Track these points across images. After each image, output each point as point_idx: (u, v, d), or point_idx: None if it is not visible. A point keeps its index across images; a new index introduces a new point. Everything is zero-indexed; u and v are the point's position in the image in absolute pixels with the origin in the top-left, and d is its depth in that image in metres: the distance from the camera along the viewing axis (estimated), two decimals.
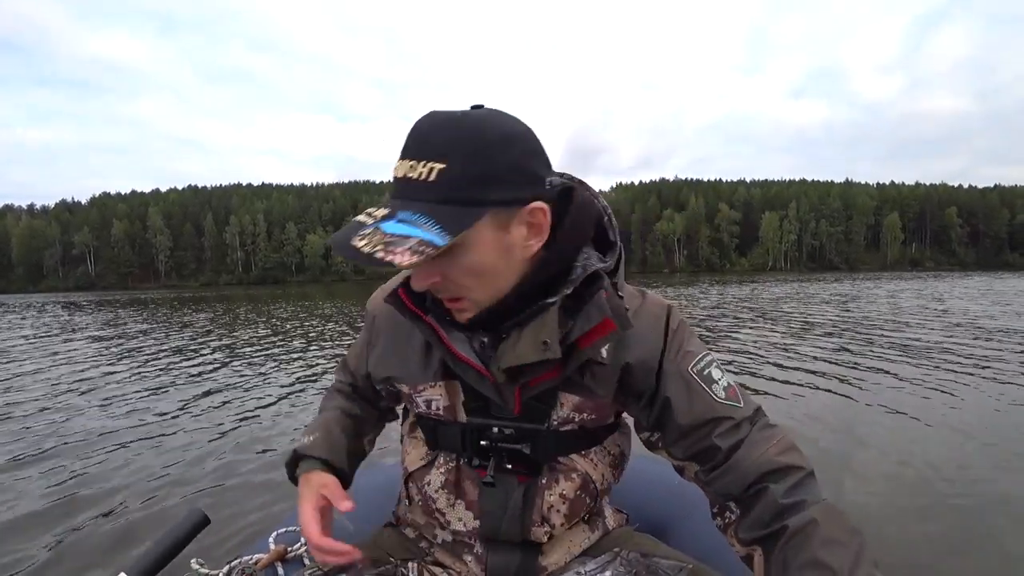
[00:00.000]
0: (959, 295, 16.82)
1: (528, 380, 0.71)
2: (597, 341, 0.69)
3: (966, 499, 2.41)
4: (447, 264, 0.63)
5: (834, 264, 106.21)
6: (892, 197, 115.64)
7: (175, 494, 2.64)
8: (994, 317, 9.85)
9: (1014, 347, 6.35)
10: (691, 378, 0.73)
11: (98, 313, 18.62)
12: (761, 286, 27.09)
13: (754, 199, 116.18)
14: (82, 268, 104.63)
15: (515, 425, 0.75)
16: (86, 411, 4.33)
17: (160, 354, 7.61)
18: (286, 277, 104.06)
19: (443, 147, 0.59)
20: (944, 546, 2.05)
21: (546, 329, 0.67)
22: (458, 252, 0.62)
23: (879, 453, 3.02)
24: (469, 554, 0.82)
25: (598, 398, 0.75)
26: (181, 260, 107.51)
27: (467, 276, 0.64)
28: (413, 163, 0.60)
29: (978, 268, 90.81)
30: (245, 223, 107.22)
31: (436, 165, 0.59)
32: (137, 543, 2.18)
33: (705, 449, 0.71)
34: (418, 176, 0.59)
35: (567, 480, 0.79)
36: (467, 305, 0.68)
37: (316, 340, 8.70)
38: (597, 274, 0.69)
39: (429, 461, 0.84)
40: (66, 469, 3.01)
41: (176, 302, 26.39)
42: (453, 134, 0.59)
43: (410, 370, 0.81)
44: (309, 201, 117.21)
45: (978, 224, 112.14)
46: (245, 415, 4.10)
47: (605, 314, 0.67)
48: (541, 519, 0.79)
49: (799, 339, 7.54)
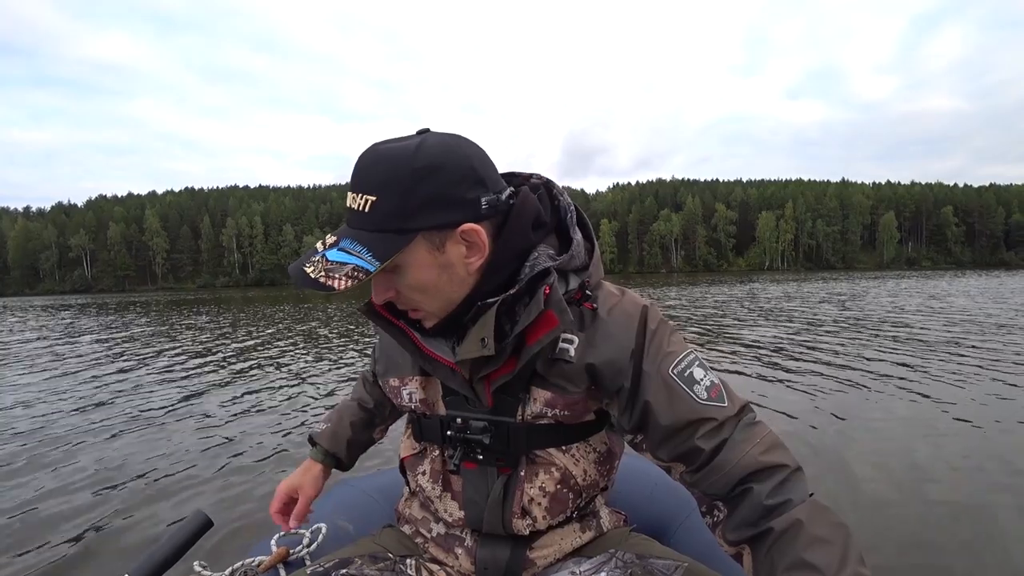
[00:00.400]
0: (956, 292, 16.81)
1: (488, 374, 0.76)
2: (543, 336, 0.71)
3: (963, 495, 2.41)
4: (396, 282, 0.71)
5: (831, 263, 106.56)
6: (888, 196, 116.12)
7: (178, 497, 2.63)
8: (994, 314, 9.88)
9: (1015, 343, 6.37)
10: (672, 380, 0.73)
11: (101, 316, 18.53)
12: (760, 285, 27.13)
13: (751, 199, 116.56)
14: (79, 271, 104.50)
15: (487, 418, 0.79)
16: (88, 414, 4.30)
17: (161, 356, 7.57)
18: (283, 279, 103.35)
19: (375, 181, 0.66)
20: (940, 542, 2.04)
21: (484, 328, 0.71)
22: (399, 273, 0.69)
23: (878, 447, 3.02)
24: (460, 547, 0.84)
25: (569, 395, 0.77)
26: (178, 263, 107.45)
27: (414, 292, 0.71)
28: (354, 195, 0.67)
29: (974, 267, 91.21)
30: (242, 225, 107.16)
31: (370, 198, 0.66)
32: (140, 546, 2.16)
33: (688, 451, 0.71)
34: (357, 207, 0.67)
35: (546, 474, 0.81)
36: (424, 315, 0.75)
37: (318, 342, 8.66)
38: (545, 272, 0.72)
39: (419, 452, 0.89)
40: (68, 472, 2.99)
41: (174, 304, 26.33)
42: (384, 168, 0.66)
43: (397, 363, 0.88)
44: (306, 203, 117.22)
45: (974, 223, 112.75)
46: (247, 417, 4.08)
47: (540, 308, 0.70)
48: (522, 511, 0.81)
49: (800, 335, 7.54)
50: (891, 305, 12.92)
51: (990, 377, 4.65)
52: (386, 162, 0.66)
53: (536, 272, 0.72)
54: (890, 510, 2.32)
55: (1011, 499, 2.35)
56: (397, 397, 0.89)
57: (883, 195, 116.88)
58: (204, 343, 9.08)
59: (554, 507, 0.83)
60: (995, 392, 4.16)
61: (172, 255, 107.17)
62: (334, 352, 7.37)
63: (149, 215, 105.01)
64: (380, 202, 0.66)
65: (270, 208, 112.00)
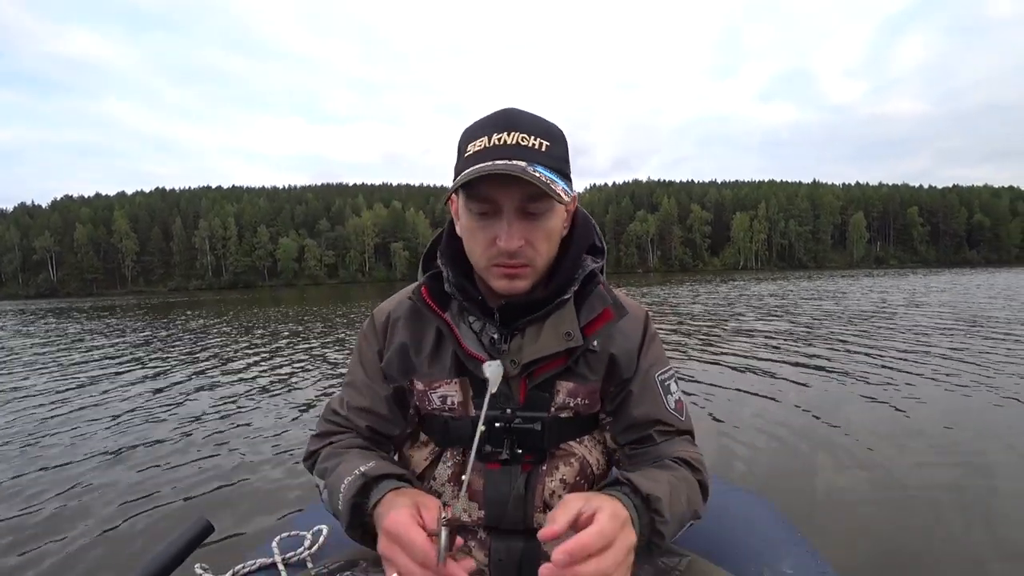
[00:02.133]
0: (925, 289, 17.33)
1: (535, 370, 0.79)
2: (600, 329, 0.80)
3: (943, 485, 2.52)
4: (534, 228, 0.75)
5: (803, 262, 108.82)
6: (857, 197, 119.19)
7: (179, 502, 2.63)
8: (980, 310, 10.24)
9: (994, 336, 6.62)
10: (655, 382, 0.85)
11: (88, 322, 18.04)
12: (738, 284, 27.53)
13: (725, 200, 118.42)
14: (43, 274, 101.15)
15: (521, 415, 0.81)
16: (88, 421, 4.25)
17: (156, 360, 7.46)
18: (258, 281, 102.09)
19: (542, 129, 0.74)
20: (923, 531, 2.13)
21: (566, 321, 0.78)
22: (547, 216, 0.75)
23: (858, 440, 3.13)
24: (472, 540, 0.85)
25: (590, 383, 0.83)
26: (148, 265, 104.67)
27: (543, 241, 0.76)
28: (524, 135, 0.71)
29: (939, 265, 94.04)
30: (215, 226, 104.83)
31: (544, 142, 0.72)
32: (142, 551, 2.17)
33: (642, 438, 0.84)
34: (531, 145, 0.71)
35: (566, 466, 0.84)
36: (528, 272, 0.77)
37: (311, 347, 8.58)
38: (593, 272, 0.83)
39: (435, 458, 0.87)
40: (70, 478, 2.97)
41: (149, 308, 25.74)
42: (544, 125, 0.75)
43: (426, 367, 0.86)
44: (281, 204, 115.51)
45: (938, 223, 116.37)
46: (247, 422, 4.06)
47: (606, 304, 0.80)
48: (543, 505, 0.83)
49: (781, 334, 7.74)
50: (869, 300, 13.26)
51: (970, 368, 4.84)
52: (542, 121, 0.75)
53: (588, 271, 0.82)
54: (871, 496, 2.41)
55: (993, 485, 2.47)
56: (423, 401, 0.87)
57: (852, 196, 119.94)
58: (198, 347, 8.98)
59: None
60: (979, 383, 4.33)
61: (142, 257, 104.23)
62: (331, 358, 7.32)
63: (118, 216, 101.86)
64: (553, 147, 0.73)
65: (244, 209, 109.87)
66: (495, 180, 0.69)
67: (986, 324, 8.19)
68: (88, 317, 19.77)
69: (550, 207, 0.74)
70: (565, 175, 0.74)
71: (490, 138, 0.72)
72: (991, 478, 2.56)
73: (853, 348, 6.42)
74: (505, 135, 0.71)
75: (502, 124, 0.73)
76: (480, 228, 0.75)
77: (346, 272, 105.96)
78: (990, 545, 1.99)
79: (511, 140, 0.71)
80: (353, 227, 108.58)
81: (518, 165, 0.69)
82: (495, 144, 0.71)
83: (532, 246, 0.75)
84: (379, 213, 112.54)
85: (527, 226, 0.74)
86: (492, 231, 0.74)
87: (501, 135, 0.71)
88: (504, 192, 0.71)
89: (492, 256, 0.75)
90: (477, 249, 0.77)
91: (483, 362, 0.77)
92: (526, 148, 0.71)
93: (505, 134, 0.71)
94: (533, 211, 0.73)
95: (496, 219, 0.74)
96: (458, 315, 0.83)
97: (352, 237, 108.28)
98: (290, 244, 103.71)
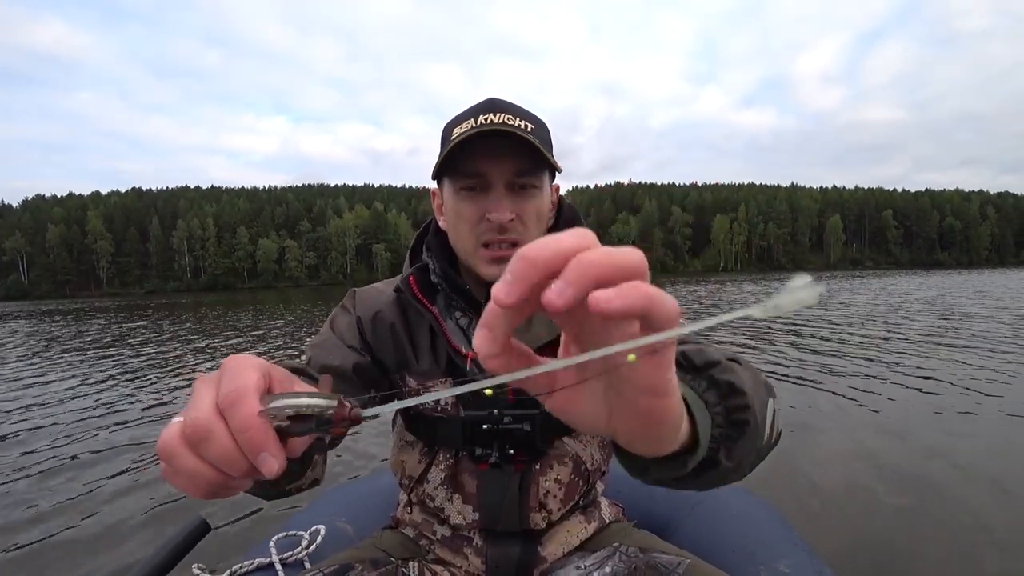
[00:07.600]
0: (907, 290, 17.66)
1: None
2: None
3: (931, 480, 2.59)
4: (524, 204, 0.76)
5: (781, 264, 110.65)
6: (834, 200, 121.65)
7: (176, 501, 2.62)
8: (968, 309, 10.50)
9: (972, 333, 6.77)
10: None
11: (75, 324, 17.61)
12: (717, 286, 27.83)
13: (706, 202, 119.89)
14: (14, 276, 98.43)
15: (511, 413, 0.79)
16: (86, 421, 4.20)
17: (151, 362, 7.33)
18: (237, 283, 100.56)
19: (525, 114, 0.76)
20: (909, 525, 2.18)
21: None
22: (530, 196, 0.76)
23: (857, 440, 3.18)
24: (468, 547, 0.83)
25: None
26: (124, 266, 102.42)
27: (533, 218, 0.77)
28: (510, 117, 0.73)
29: (912, 267, 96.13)
30: (194, 227, 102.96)
31: (529, 123, 0.74)
32: (139, 551, 2.16)
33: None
34: (517, 125, 0.72)
35: (560, 464, 0.83)
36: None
37: (304, 347, 8.52)
38: None
39: (429, 461, 0.86)
40: (67, 478, 2.95)
41: (128, 310, 25.23)
42: (528, 112, 0.77)
43: (419, 365, 0.84)
44: (261, 204, 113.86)
45: (911, 226, 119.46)
46: None
47: None
48: (539, 504, 0.82)
49: (772, 337, 7.88)
50: (853, 304, 13.50)
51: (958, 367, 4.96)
52: (524, 107, 0.77)
53: None
54: (857, 493, 2.46)
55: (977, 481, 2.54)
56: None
57: (829, 199, 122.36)
58: (189, 347, 8.84)
59: (568, 496, 0.84)
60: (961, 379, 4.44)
61: (118, 259, 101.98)
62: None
63: (92, 216, 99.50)
64: (538, 130, 0.75)
65: (223, 210, 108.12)
66: (485, 154, 0.71)
67: (963, 320, 8.40)
68: (75, 319, 19.31)
69: (540, 183, 0.75)
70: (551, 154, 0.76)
71: (476, 119, 0.73)
72: (992, 480, 2.56)
73: (849, 348, 6.44)
74: (492, 115, 0.73)
75: (488, 107, 0.74)
76: (468, 206, 0.75)
77: (327, 274, 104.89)
78: (990, 545, 2.00)
79: (498, 119, 0.72)
80: (335, 228, 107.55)
81: (511, 127, 0.70)
82: (482, 124, 0.72)
83: (522, 221, 0.75)
84: (361, 214, 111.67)
85: (517, 201, 0.75)
86: (481, 206, 0.74)
87: (488, 115, 0.73)
88: (494, 165, 0.73)
89: (481, 234, 0.75)
90: (464, 229, 0.76)
91: (472, 358, 0.75)
92: (513, 127, 0.72)
93: (492, 115, 0.73)
94: (523, 184, 0.74)
95: (484, 194, 0.74)
96: (445, 310, 0.82)
97: (333, 238, 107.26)
98: (270, 245, 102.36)
